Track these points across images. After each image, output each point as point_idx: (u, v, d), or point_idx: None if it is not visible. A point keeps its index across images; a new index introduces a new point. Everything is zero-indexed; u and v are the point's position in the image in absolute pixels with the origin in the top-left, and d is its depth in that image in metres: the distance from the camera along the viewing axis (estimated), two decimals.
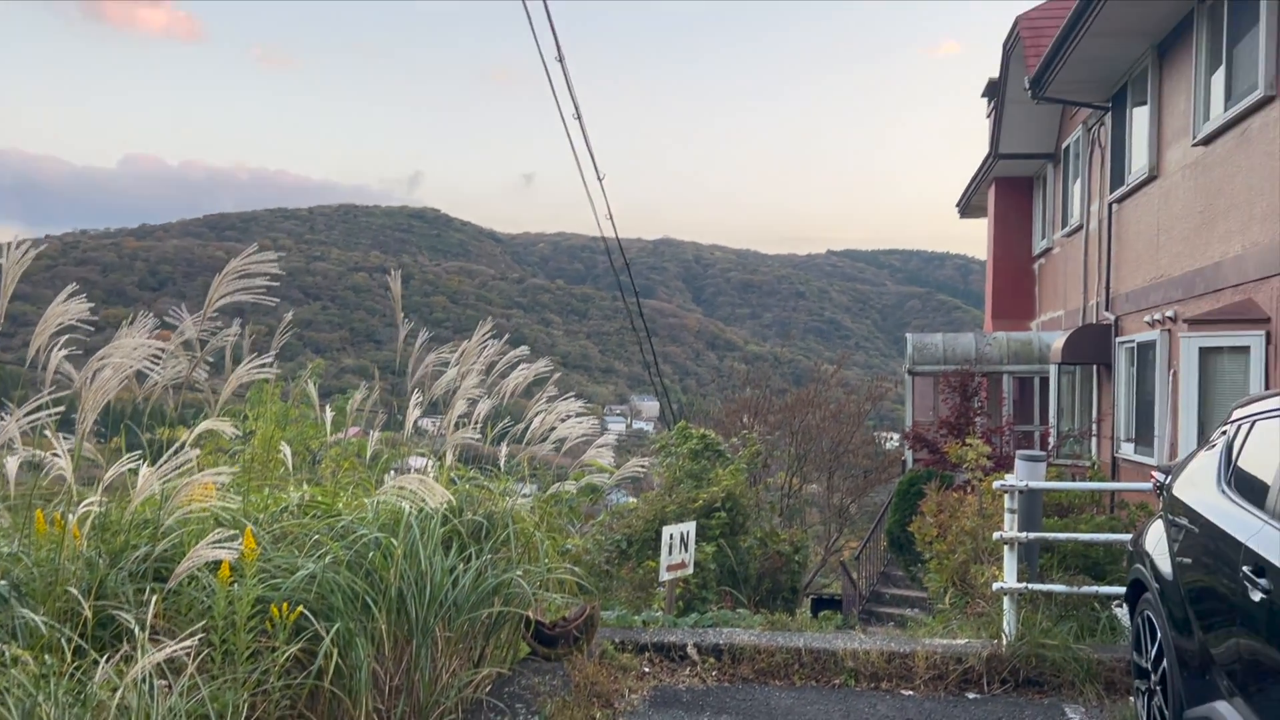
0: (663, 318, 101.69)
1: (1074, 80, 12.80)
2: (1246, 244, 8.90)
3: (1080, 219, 14.76)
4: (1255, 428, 4.44)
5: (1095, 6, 10.51)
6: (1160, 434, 10.59)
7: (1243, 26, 8.98)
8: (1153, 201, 11.52)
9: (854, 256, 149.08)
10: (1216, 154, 9.64)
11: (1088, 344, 13.20)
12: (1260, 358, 8.44)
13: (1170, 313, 10.58)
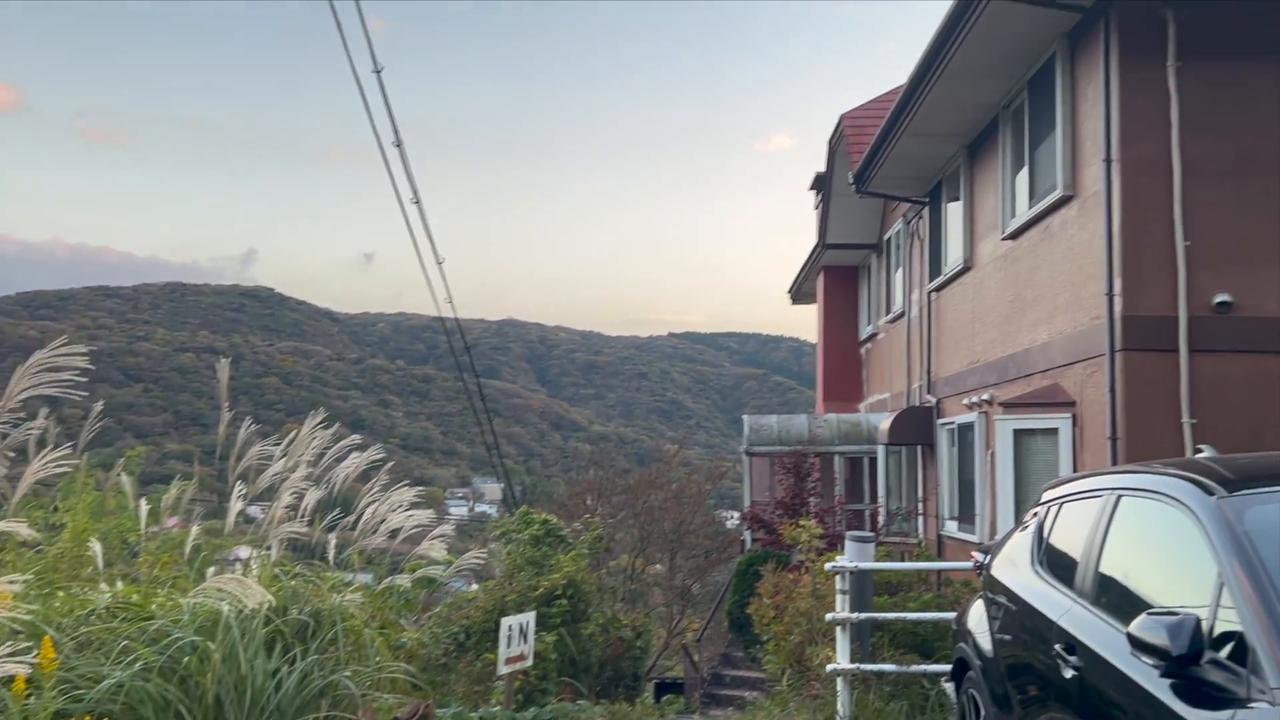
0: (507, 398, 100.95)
1: (894, 176, 13.58)
2: (1052, 332, 9.53)
3: (903, 306, 15.53)
4: (1063, 510, 4.71)
5: (910, 109, 11.22)
6: (981, 512, 11.10)
7: (1042, 131, 9.74)
8: (968, 291, 12.23)
9: (694, 338, 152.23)
10: (1023, 248, 10.33)
11: (912, 425, 13.78)
12: (1068, 439, 8.99)
13: (986, 396, 11.18)
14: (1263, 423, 7.91)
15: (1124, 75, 8.22)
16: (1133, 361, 8.03)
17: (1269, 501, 3.45)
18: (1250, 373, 7.96)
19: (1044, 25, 8.95)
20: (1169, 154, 8.07)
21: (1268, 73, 8.13)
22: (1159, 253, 8.06)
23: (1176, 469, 3.84)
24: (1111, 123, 8.28)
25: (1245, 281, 8.01)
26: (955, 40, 9.38)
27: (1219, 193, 8.07)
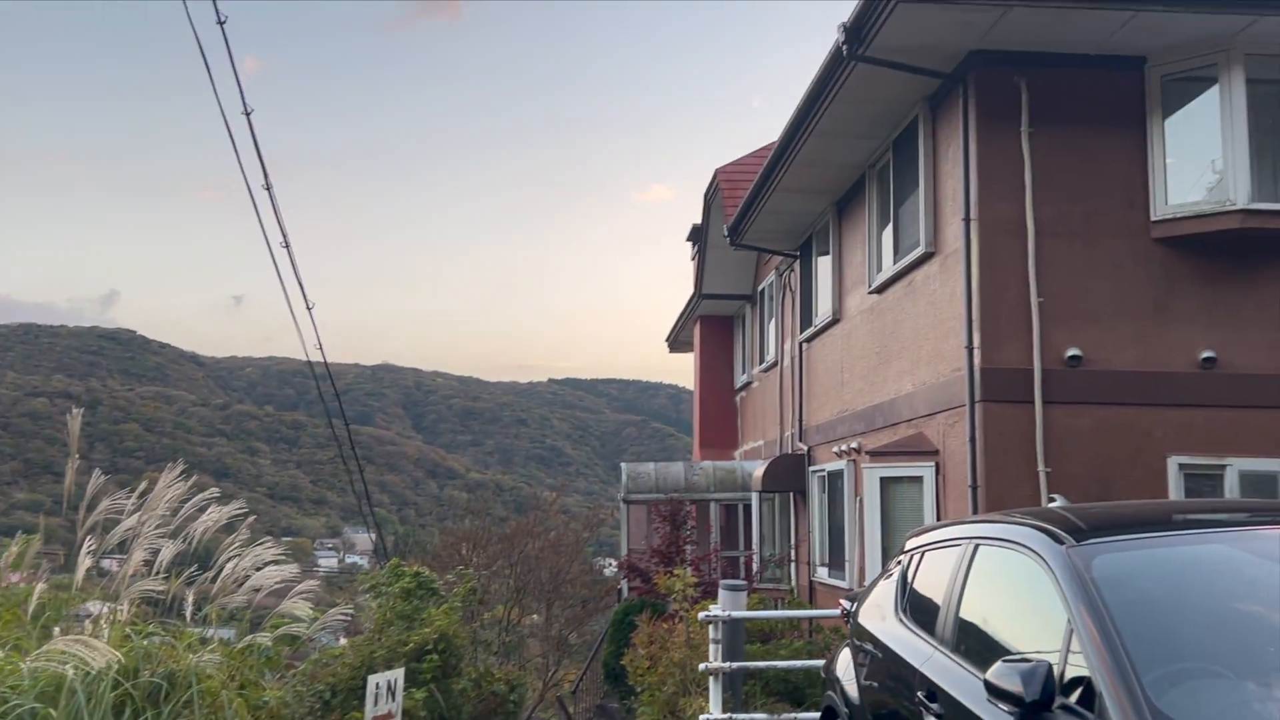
0: (381, 445, 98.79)
1: (767, 230, 13.93)
2: (916, 383, 9.85)
3: (776, 356, 15.86)
4: (925, 558, 4.84)
5: (781, 167, 11.55)
6: (850, 559, 11.33)
7: (906, 190, 10.14)
8: (837, 342, 12.58)
9: (574, 385, 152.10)
10: (889, 301, 10.69)
11: (784, 473, 14.03)
12: (932, 487, 9.28)
13: (855, 444, 11.47)
14: (1111, 470, 8.33)
15: (981, 139, 8.64)
16: (991, 412, 8.36)
17: (1115, 550, 3.62)
18: (1098, 423, 8.38)
19: (907, 89, 9.36)
20: (1023, 214, 8.50)
21: (1112, 140, 8.66)
22: (1015, 308, 8.45)
23: (1029, 518, 4.00)
24: (970, 183, 8.68)
25: (1093, 336, 8.45)
26: (824, 101, 9.72)
27: (1069, 252, 8.53)
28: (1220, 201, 8.26)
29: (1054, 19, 8.05)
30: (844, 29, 8.43)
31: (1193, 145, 8.55)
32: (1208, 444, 8.39)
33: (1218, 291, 8.54)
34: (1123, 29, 8.19)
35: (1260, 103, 8.34)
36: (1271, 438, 8.42)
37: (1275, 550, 3.56)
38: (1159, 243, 8.54)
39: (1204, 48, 8.36)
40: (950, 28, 8.20)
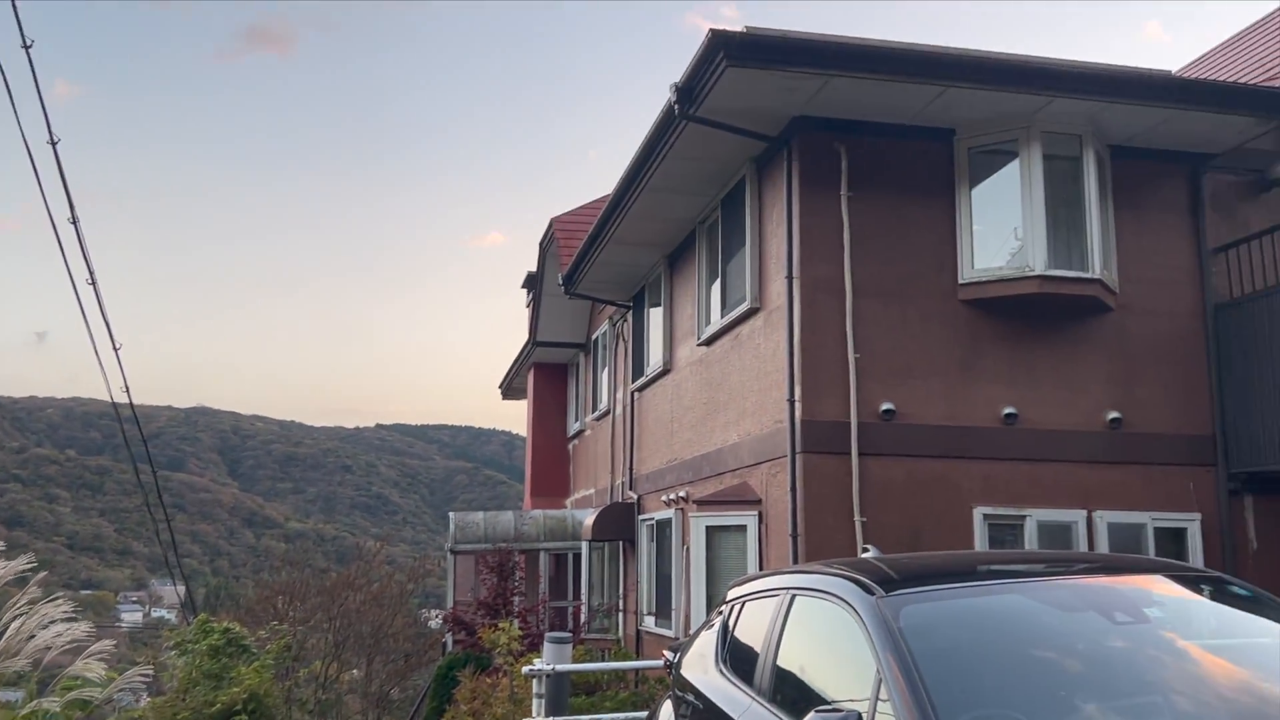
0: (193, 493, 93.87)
1: (601, 280, 14.06)
2: (742, 433, 10.07)
3: (608, 404, 15.95)
4: (745, 608, 4.91)
5: (615, 219, 11.71)
6: (677, 607, 11.41)
7: (734, 247, 10.43)
8: (667, 392, 12.75)
9: (403, 430, 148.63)
10: (717, 354, 10.93)
11: (615, 521, 14.05)
12: (755, 535, 9.47)
13: (683, 493, 11.61)
14: (921, 519, 8.70)
15: (804, 201, 8.99)
16: (811, 463, 8.63)
17: (922, 601, 3.76)
18: (910, 474, 8.76)
19: (736, 150, 9.66)
20: (842, 274, 8.87)
21: (924, 206, 9.16)
22: (833, 363, 8.77)
23: (842, 569, 4.12)
24: (793, 243, 9.00)
25: (906, 391, 8.85)
26: (656, 158, 9.92)
27: (884, 311, 8.94)
28: (1020, 267, 8.84)
29: (872, 90, 8.49)
30: (676, 89, 8.65)
31: (997, 214, 9.14)
32: (1009, 495, 8.89)
33: (1018, 351, 9.11)
34: (934, 103, 8.72)
35: (1057, 177, 9.00)
36: (1065, 490, 9.00)
37: (1066, 600, 3.79)
38: (966, 304, 9.05)
39: (1007, 124, 8.98)
40: (776, 93, 8.54)
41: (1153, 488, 9.19)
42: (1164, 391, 9.36)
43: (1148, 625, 3.66)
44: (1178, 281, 9.57)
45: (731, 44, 7.99)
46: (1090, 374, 9.22)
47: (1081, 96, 8.60)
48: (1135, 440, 9.20)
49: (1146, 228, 9.59)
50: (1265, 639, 3.74)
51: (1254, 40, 11.20)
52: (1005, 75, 8.49)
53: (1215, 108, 8.88)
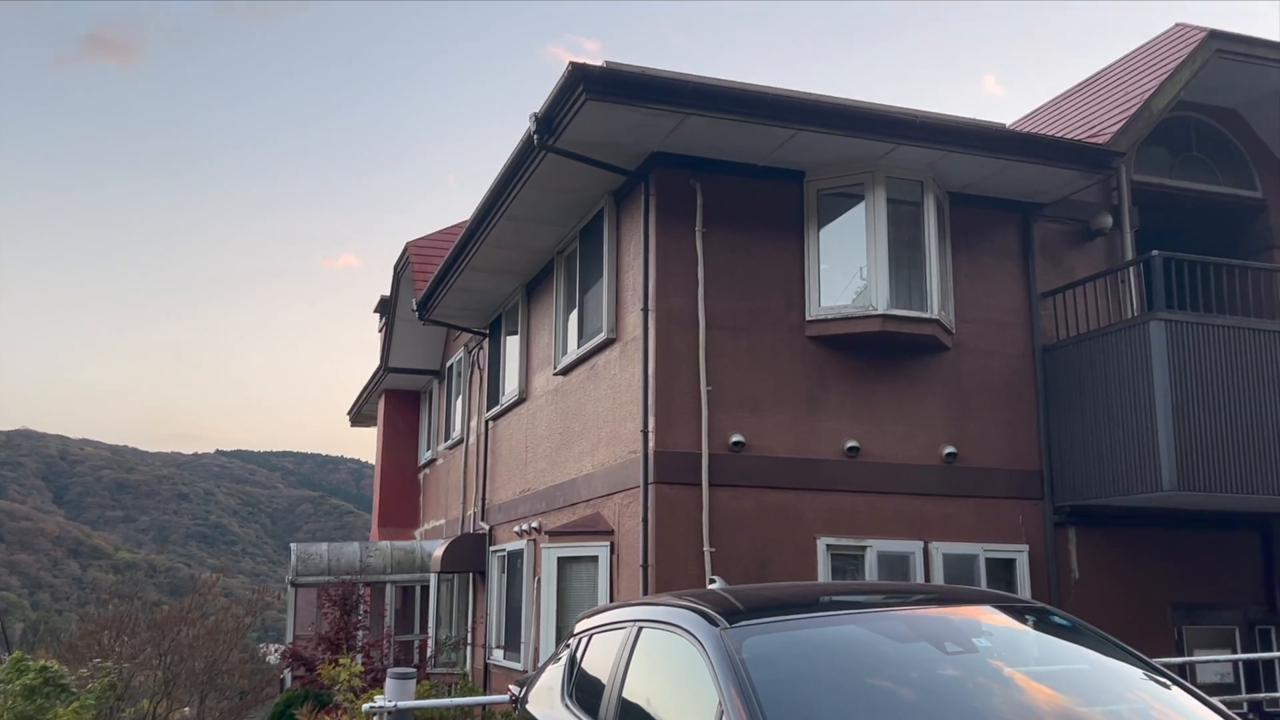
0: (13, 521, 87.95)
1: (456, 307, 13.90)
2: (596, 463, 10.08)
3: (461, 433, 15.74)
4: (593, 641, 4.89)
5: (472, 246, 11.61)
6: (526, 640, 11.29)
7: (591, 277, 10.48)
8: (522, 421, 12.67)
9: (245, 457, 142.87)
10: (573, 383, 10.93)
11: (465, 552, 13.84)
12: (607, 566, 9.47)
13: (535, 524, 11.52)
14: (769, 550, 8.87)
15: (660, 235, 9.12)
16: (662, 493, 8.70)
17: (766, 632, 3.82)
18: (759, 505, 8.93)
19: (595, 182, 9.73)
20: (696, 308, 9.02)
21: (775, 244, 9.41)
22: (686, 395, 8.89)
23: (689, 601, 4.15)
24: (649, 276, 9.11)
25: (755, 424, 9.04)
26: (515, 186, 9.91)
27: (735, 345, 9.12)
28: (864, 306, 9.17)
29: (726, 130, 8.70)
30: (536, 119, 8.68)
31: (843, 254, 9.46)
32: (851, 526, 9.16)
33: (861, 387, 9.43)
34: (786, 145, 8.99)
35: (899, 220, 9.40)
36: (904, 521, 9.33)
37: (900, 630, 3.91)
38: (813, 340, 9.33)
39: (853, 168, 9.34)
40: (634, 128, 8.66)
41: (985, 520, 9.62)
42: (996, 428, 9.84)
43: (976, 654, 3.82)
44: (1009, 323, 10.10)
45: (591, 78, 8.07)
46: (928, 410, 9.61)
47: (923, 144, 9.02)
48: (969, 474, 9.63)
49: (981, 271, 10.10)
50: (1082, 665, 3.96)
51: (1082, 98, 11.97)
52: (852, 121, 8.83)
53: (1045, 160, 9.45)
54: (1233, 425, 8.80)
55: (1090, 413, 9.47)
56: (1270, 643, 10.19)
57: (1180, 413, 8.68)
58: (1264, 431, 8.88)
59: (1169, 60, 10.59)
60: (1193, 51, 10.43)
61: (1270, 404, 8.94)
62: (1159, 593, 10.07)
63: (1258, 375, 8.96)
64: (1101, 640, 4.04)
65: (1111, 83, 11.54)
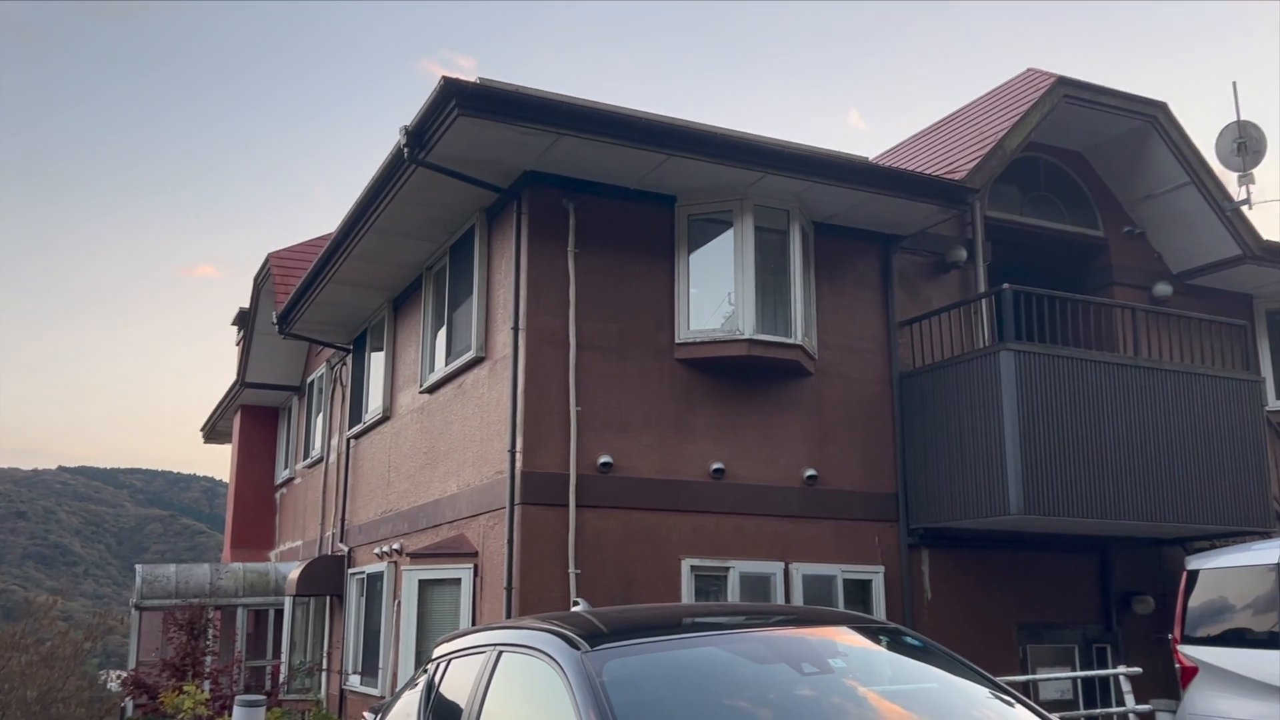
0: None
1: (319, 321, 13.52)
2: (461, 484, 9.93)
3: (321, 452, 15.29)
4: (451, 665, 4.79)
5: (338, 259, 11.33)
6: (384, 665, 11.01)
7: (461, 295, 10.35)
8: (385, 440, 12.39)
9: (91, 474, 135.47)
10: (439, 402, 10.75)
11: (322, 575, 13.43)
12: (470, 589, 9.31)
13: (397, 545, 11.26)
14: (634, 571, 8.89)
15: (532, 254, 9.08)
16: (529, 514, 8.62)
17: (627, 654, 3.81)
18: (625, 526, 8.94)
19: (466, 198, 9.63)
20: (567, 328, 9.00)
21: (646, 267, 9.48)
22: (555, 415, 8.85)
23: (550, 624, 4.11)
24: (520, 295, 9.05)
25: (623, 445, 9.06)
26: (383, 199, 9.72)
27: (605, 366, 9.13)
28: (732, 331, 9.31)
29: (600, 152, 8.74)
30: (406, 132, 8.54)
31: (712, 278, 9.60)
32: (715, 547, 9.25)
33: (727, 409, 9.56)
34: (658, 169, 9.08)
35: (766, 247, 9.59)
36: (765, 543, 9.48)
37: (759, 652, 3.96)
38: (682, 363, 9.42)
39: (723, 195, 9.50)
40: (507, 146, 8.61)
41: (843, 541, 9.86)
42: (854, 452, 10.11)
43: (832, 675, 3.89)
44: (869, 350, 10.41)
45: (465, 93, 8.00)
46: (791, 433, 9.81)
47: (790, 175, 9.24)
48: (829, 496, 9.86)
49: (843, 299, 10.39)
50: (932, 684, 4.08)
51: (940, 136, 12.48)
52: (723, 149, 8.99)
53: (905, 194, 9.80)
54: (1075, 452, 9.26)
55: (943, 438, 9.83)
56: (1107, 660, 10.72)
57: (1027, 439, 9.08)
58: (1103, 458, 9.37)
59: (1021, 103, 11.15)
60: (1042, 95, 11.00)
61: (1109, 432, 9.44)
62: (1005, 613, 10.49)
63: (1098, 405, 9.46)
64: (950, 660, 4.17)
65: (968, 122, 12.07)
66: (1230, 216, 11.67)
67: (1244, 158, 11.63)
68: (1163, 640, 9.38)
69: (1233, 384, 10.14)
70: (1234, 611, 7.20)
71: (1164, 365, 9.96)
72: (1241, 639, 7.00)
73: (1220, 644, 7.13)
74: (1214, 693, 7.04)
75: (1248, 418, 10.12)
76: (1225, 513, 9.80)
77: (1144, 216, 12.28)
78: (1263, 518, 9.96)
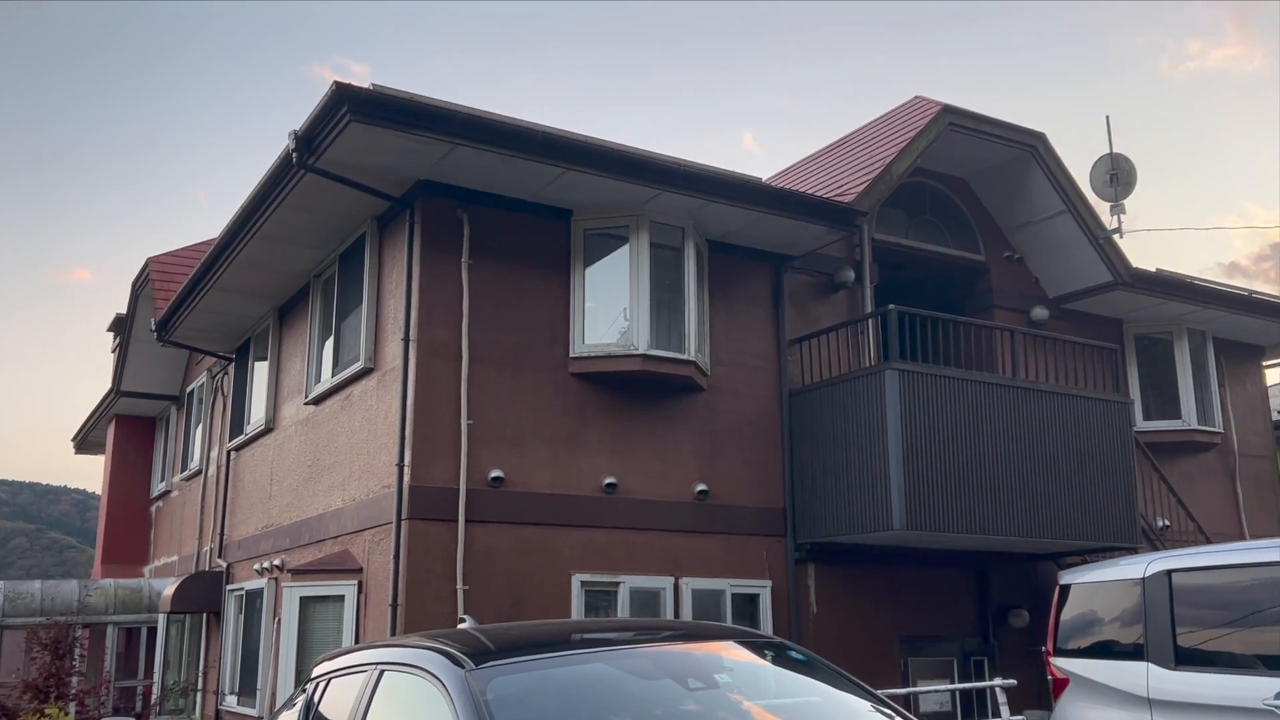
0: None
1: (201, 329, 13.08)
2: (346, 499, 9.70)
3: (201, 464, 14.77)
4: (331, 685, 4.66)
5: (221, 264, 10.99)
6: (263, 685, 10.66)
7: (350, 304, 10.13)
8: (269, 452, 12.03)
9: None
10: (325, 414, 10.49)
11: (199, 592, 12.96)
12: (353, 606, 9.09)
13: (278, 561, 10.94)
14: (524, 587, 8.79)
15: (424, 264, 8.94)
16: (417, 530, 8.46)
17: (512, 672, 3.76)
18: (515, 541, 8.85)
19: (357, 206, 9.45)
20: (459, 340, 8.89)
21: (542, 280, 9.43)
22: (446, 428, 8.72)
23: (434, 642, 4.03)
24: (411, 305, 8.90)
25: (515, 459, 8.98)
26: (270, 205, 9.46)
27: (498, 379, 9.04)
28: (626, 346, 9.33)
29: (496, 163, 8.67)
30: (295, 137, 8.34)
31: (608, 293, 9.61)
32: (607, 563, 9.23)
33: (620, 424, 9.56)
34: (554, 183, 9.06)
35: (662, 263, 9.64)
36: (656, 558, 9.50)
37: (645, 668, 3.95)
38: (576, 377, 9.39)
39: (619, 210, 9.52)
40: (401, 154, 8.48)
41: (732, 556, 9.94)
42: (745, 467, 10.22)
43: (717, 690, 3.90)
44: (760, 367, 10.55)
45: (357, 99, 7.85)
46: (683, 448, 9.86)
47: (686, 192, 9.32)
48: (719, 511, 9.94)
49: (736, 317, 10.51)
50: (814, 697, 4.14)
51: (831, 159, 12.75)
52: (620, 165, 9.01)
53: (797, 215, 9.98)
54: (955, 469, 9.53)
55: (830, 454, 10.01)
56: (984, 672, 11.04)
57: (910, 457, 9.31)
58: (981, 476, 9.66)
59: (908, 129, 11.47)
60: (929, 123, 11.34)
61: (987, 450, 9.75)
62: (887, 626, 10.72)
63: (977, 423, 9.76)
64: (833, 674, 4.23)
65: (858, 146, 12.37)
66: (1103, 244, 12.21)
67: (1116, 188, 12.20)
68: (1037, 652, 9.70)
69: (1104, 405, 10.58)
70: (1103, 624, 7.48)
71: (1040, 386, 10.34)
72: (1109, 651, 7.27)
73: (1090, 656, 7.40)
74: (1084, 703, 7.30)
75: (1117, 438, 10.57)
76: (1096, 529, 10.21)
77: (1023, 242, 12.75)
78: (1130, 534, 10.41)
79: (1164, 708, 6.64)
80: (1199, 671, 6.51)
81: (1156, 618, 6.89)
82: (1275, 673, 6.05)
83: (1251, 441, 14.44)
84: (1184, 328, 13.46)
